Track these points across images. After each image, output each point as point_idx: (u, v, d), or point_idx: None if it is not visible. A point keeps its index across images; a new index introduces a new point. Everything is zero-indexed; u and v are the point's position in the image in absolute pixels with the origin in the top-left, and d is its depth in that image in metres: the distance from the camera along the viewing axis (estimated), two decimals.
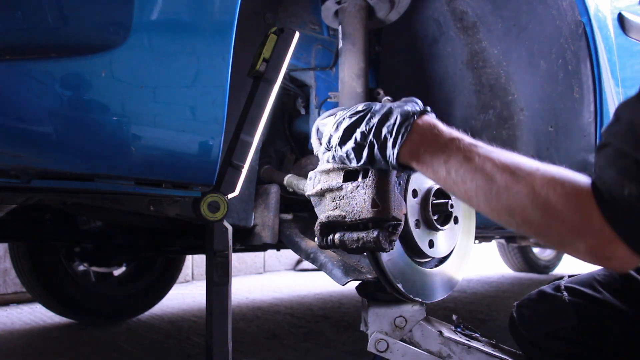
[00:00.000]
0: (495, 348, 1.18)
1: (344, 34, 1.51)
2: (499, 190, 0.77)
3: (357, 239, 0.98)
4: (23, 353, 2.19)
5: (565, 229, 0.73)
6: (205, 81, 1.00)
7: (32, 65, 0.84)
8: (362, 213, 0.97)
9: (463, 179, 0.81)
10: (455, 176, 0.82)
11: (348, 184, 1.01)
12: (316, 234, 1.04)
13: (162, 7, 0.94)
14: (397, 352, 1.11)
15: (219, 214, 1.14)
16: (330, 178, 1.04)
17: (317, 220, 1.04)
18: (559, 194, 0.73)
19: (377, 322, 1.14)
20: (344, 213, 0.99)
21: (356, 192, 0.99)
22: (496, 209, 0.79)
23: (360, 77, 1.49)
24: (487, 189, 0.78)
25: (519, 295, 3.94)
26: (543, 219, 0.74)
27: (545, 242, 0.73)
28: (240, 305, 3.34)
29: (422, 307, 1.16)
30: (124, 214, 1.86)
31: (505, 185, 0.77)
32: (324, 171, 1.06)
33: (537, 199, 0.74)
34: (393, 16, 1.60)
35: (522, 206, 0.75)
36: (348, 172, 1.02)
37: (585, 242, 0.72)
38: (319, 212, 1.06)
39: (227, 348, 1.16)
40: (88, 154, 0.91)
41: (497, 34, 1.61)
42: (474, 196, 0.81)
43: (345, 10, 1.51)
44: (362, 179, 0.99)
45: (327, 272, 1.33)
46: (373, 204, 0.96)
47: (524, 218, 0.76)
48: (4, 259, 3.48)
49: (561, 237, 0.75)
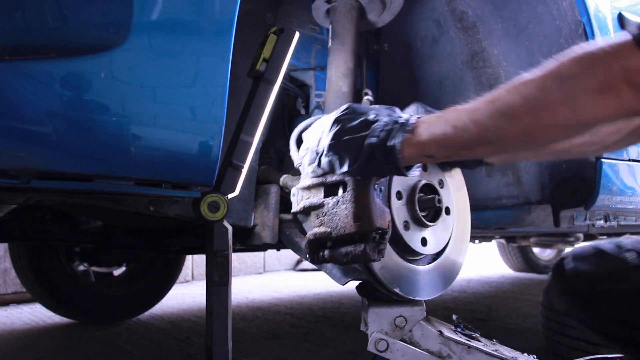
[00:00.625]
0: (495, 348, 1.17)
1: (333, 34, 1.51)
2: (539, 97, 0.76)
3: (345, 253, 0.98)
4: (23, 353, 2.19)
5: (609, 75, 0.72)
6: (205, 81, 1.00)
7: (32, 65, 0.84)
8: (346, 228, 0.97)
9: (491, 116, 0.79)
10: (485, 117, 0.80)
11: (329, 199, 1.01)
12: (306, 251, 1.05)
13: (161, 7, 0.94)
14: (397, 352, 1.11)
15: (219, 214, 1.14)
16: (312, 194, 1.04)
17: (305, 237, 1.04)
18: (591, 56, 0.74)
19: (377, 321, 1.14)
20: (329, 229, 1.00)
21: (337, 207, 0.99)
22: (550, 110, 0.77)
23: (347, 76, 1.49)
24: (529, 105, 0.77)
25: (519, 295, 3.94)
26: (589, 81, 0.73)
27: (597, 113, 0.71)
28: (240, 305, 3.34)
29: (422, 306, 1.16)
30: (124, 214, 1.86)
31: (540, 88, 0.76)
32: (305, 188, 1.06)
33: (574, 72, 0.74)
34: (386, 17, 1.60)
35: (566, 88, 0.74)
36: (327, 187, 1.02)
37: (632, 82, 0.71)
38: (306, 229, 1.07)
39: (227, 348, 1.16)
40: (88, 154, 0.91)
41: (497, 34, 1.61)
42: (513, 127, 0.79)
43: (335, 9, 1.51)
44: (342, 193, 0.99)
45: (327, 272, 1.33)
46: (355, 218, 0.96)
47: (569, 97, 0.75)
48: (4, 259, 3.48)
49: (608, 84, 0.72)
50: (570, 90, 0.75)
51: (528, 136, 0.81)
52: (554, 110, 0.76)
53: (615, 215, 1.89)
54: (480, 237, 3.46)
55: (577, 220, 1.80)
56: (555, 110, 0.76)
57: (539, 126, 0.79)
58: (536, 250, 5.30)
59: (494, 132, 0.82)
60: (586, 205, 1.54)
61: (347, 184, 0.98)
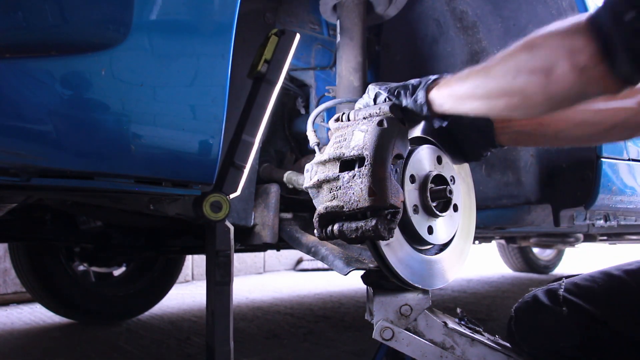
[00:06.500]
0: (498, 344, 1.17)
1: (342, 29, 1.51)
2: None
3: (355, 228, 0.98)
4: (23, 353, 2.19)
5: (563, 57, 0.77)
6: (205, 80, 1.00)
7: (32, 63, 0.84)
8: (360, 202, 0.97)
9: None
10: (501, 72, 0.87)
11: (344, 173, 1.01)
12: (315, 225, 1.04)
13: (162, 6, 0.94)
14: (402, 340, 1.11)
15: (221, 214, 1.14)
16: (327, 169, 1.04)
17: (316, 211, 1.04)
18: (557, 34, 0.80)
19: (382, 310, 1.13)
20: (342, 203, 0.99)
21: (353, 181, 0.99)
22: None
23: (357, 71, 1.50)
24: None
25: (519, 295, 3.92)
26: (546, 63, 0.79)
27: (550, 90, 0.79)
28: (240, 305, 3.34)
29: (427, 295, 1.15)
30: (124, 213, 1.86)
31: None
32: (321, 162, 1.06)
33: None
34: (392, 11, 1.61)
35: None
36: (344, 162, 1.03)
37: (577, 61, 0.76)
38: (317, 204, 1.06)
39: (228, 347, 1.16)
40: (88, 152, 0.91)
41: (497, 33, 1.61)
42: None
43: (343, 4, 1.52)
44: (358, 168, 0.99)
45: (329, 263, 1.33)
46: (370, 192, 0.96)
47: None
48: (4, 259, 3.48)
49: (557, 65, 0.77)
50: (531, 64, 0.82)
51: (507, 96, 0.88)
52: (522, 81, 0.83)
53: (615, 215, 1.89)
54: (481, 237, 3.47)
55: (577, 220, 1.80)
56: (524, 80, 0.83)
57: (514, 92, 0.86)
58: (536, 251, 5.30)
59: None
60: (586, 204, 1.54)
61: (364, 159, 0.98)
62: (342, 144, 1.05)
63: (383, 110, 1.05)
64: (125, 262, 2.86)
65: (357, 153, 1.00)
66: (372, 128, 1.01)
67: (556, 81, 0.78)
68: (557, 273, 5.42)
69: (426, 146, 1.15)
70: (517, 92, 0.85)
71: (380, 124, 1.01)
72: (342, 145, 1.05)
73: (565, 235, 3.37)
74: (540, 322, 1.11)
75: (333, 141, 1.08)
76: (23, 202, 1.33)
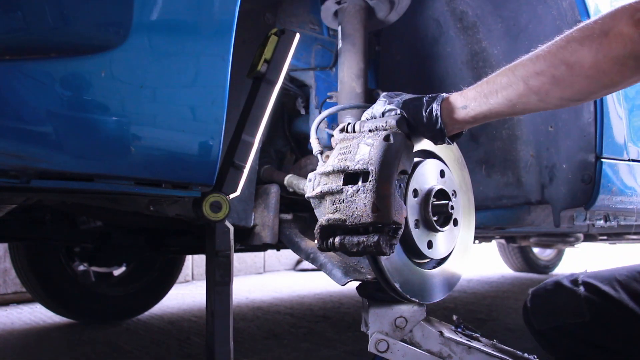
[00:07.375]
0: (496, 349, 1.18)
1: (343, 35, 1.51)
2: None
3: (357, 242, 0.97)
4: (23, 353, 2.19)
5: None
6: (205, 81, 1.00)
7: (32, 65, 0.84)
8: (363, 217, 0.96)
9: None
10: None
11: (348, 187, 1.00)
12: (316, 236, 1.04)
13: (162, 7, 0.94)
14: (397, 352, 1.11)
15: (221, 214, 1.14)
16: (330, 180, 1.04)
17: (317, 223, 1.03)
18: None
19: (377, 322, 1.14)
20: (344, 217, 0.99)
21: (357, 195, 0.98)
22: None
23: (359, 77, 1.50)
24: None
25: (519, 295, 3.94)
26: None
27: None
28: (240, 305, 3.34)
29: (423, 307, 1.16)
30: (123, 214, 1.86)
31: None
32: (324, 173, 1.05)
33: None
34: (393, 17, 1.61)
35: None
36: (348, 174, 1.02)
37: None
38: (318, 215, 1.06)
39: (228, 347, 1.16)
40: (87, 154, 0.91)
41: (497, 34, 1.61)
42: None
43: (345, 10, 1.52)
44: (363, 183, 0.98)
45: (327, 272, 1.33)
46: (373, 208, 0.95)
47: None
48: (4, 259, 3.48)
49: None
50: (581, 34, 0.82)
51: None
52: (572, 49, 0.82)
53: (615, 215, 1.89)
54: (481, 237, 3.47)
55: (577, 220, 1.80)
56: (574, 48, 0.82)
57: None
58: (536, 251, 5.30)
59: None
60: (586, 205, 1.54)
61: (369, 174, 0.98)
62: (346, 156, 1.04)
63: (390, 124, 1.03)
64: (125, 262, 2.86)
65: (362, 167, 0.99)
66: (378, 143, 1.00)
67: (610, 41, 0.77)
68: (557, 273, 5.42)
69: (430, 160, 1.15)
70: (562, 61, 0.83)
71: (386, 139, 1.00)
72: (346, 158, 1.03)
73: (565, 235, 3.37)
74: (555, 298, 1.13)
75: (337, 152, 1.07)
76: (23, 203, 1.33)
